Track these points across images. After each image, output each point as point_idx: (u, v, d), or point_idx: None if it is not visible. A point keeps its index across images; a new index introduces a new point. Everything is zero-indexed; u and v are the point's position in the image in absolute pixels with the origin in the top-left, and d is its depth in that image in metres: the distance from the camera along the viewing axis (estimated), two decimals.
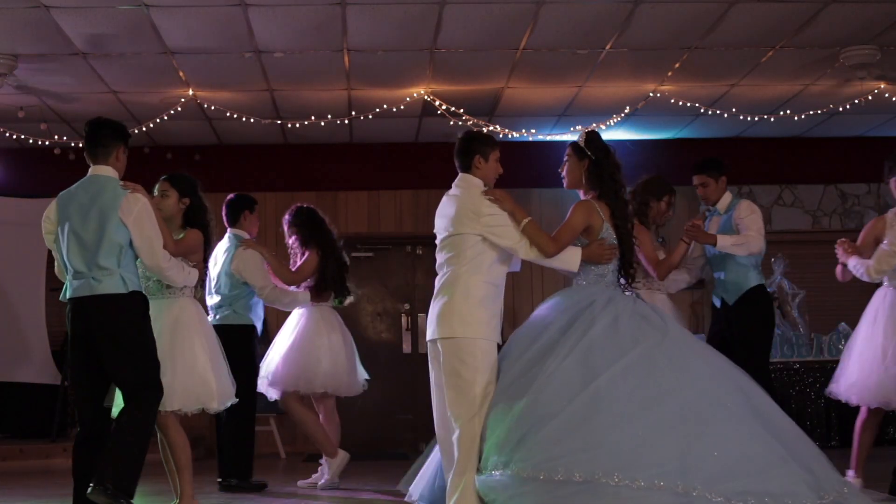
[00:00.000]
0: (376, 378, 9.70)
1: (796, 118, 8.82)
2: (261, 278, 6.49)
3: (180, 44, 7.12)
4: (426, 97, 8.29)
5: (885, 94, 8.31)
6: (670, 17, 6.83)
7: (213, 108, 8.46)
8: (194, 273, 5.31)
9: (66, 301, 4.97)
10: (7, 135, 8.69)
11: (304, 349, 6.70)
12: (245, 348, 6.43)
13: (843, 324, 8.83)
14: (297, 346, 6.72)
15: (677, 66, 7.79)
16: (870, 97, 8.35)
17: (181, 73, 7.76)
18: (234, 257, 6.49)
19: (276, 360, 6.75)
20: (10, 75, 7.42)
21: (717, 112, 8.70)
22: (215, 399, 5.35)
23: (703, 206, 6.43)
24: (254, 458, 6.67)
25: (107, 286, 4.84)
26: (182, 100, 8.26)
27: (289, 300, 6.69)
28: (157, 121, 8.51)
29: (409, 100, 8.33)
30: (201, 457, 8.32)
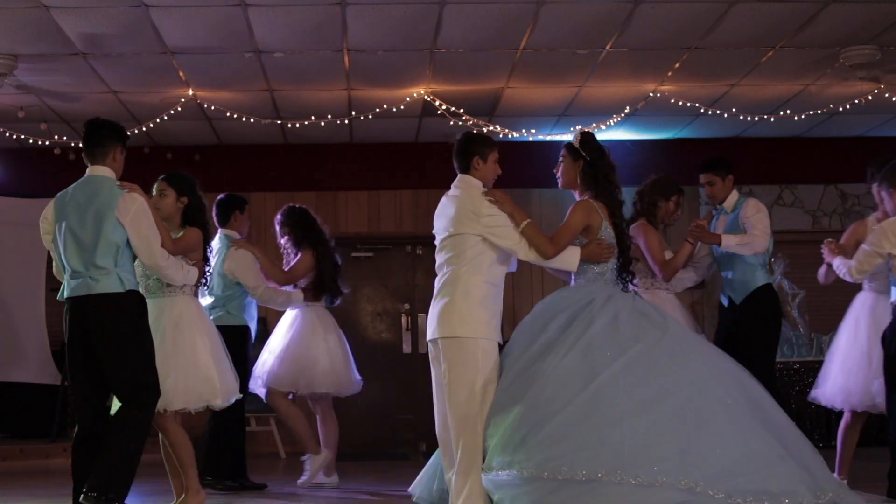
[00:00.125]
0: (376, 378, 9.74)
1: (796, 118, 8.82)
2: (254, 278, 6.47)
3: (180, 44, 7.12)
4: (426, 97, 8.28)
5: (885, 94, 8.31)
6: (670, 17, 6.83)
7: (213, 108, 8.46)
8: (194, 271, 5.32)
9: (63, 301, 4.98)
10: (7, 135, 8.68)
11: (301, 350, 6.69)
12: (238, 349, 6.40)
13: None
14: (295, 347, 6.70)
15: (677, 66, 7.79)
16: (870, 97, 8.35)
17: (181, 73, 7.76)
18: (227, 258, 6.47)
19: (270, 360, 6.72)
20: (10, 75, 7.42)
21: (717, 112, 8.70)
22: (219, 396, 5.35)
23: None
24: (246, 458, 6.65)
25: (104, 285, 4.84)
26: (182, 100, 8.26)
27: (283, 300, 6.67)
28: (157, 121, 8.51)
29: (409, 100, 8.33)
30: (200, 457, 8.30)
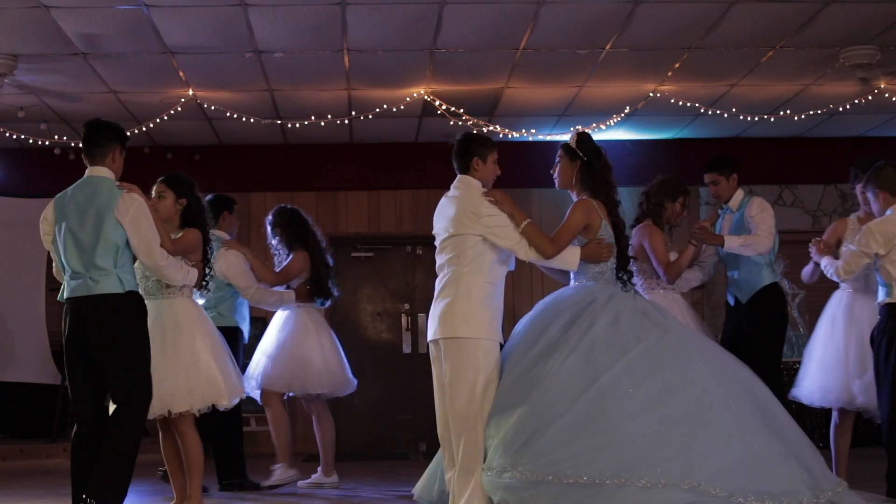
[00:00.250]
0: (376, 378, 9.75)
1: (796, 118, 8.81)
2: (244, 279, 6.44)
3: (180, 44, 7.12)
4: (426, 97, 8.28)
5: (885, 94, 8.31)
6: (670, 17, 6.82)
7: (213, 108, 8.45)
8: (193, 272, 5.32)
9: (63, 301, 4.98)
10: (7, 135, 8.68)
11: (295, 351, 6.63)
12: (230, 350, 6.39)
13: None
14: (289, 348, 6.64)
15: (677, 66, 7.79)
16: (870, 97, 8.35)
17: (181, 73, 7.75)
18: (217, 259, 6.40)
19: (264, 362, 6.66)
20: (10, 75, 7.42)
21: (717, 112, 8.70)
22: (225, 396, 5.36)
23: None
24: (245, 458, 6.64)
25: (104, 286, 4.85)
26: (182, 100, 8.25)
27: (274, 300, 6.64)
28: (157, 121, 8.51)
29: (409, 100, 8.32)
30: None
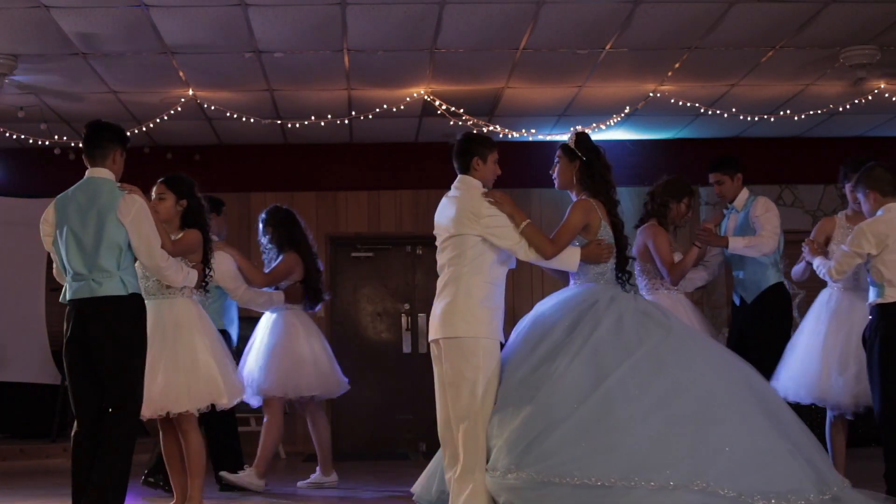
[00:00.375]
0: (376, 378, 9.76)
1: (796, 118, 8.81)
2: (232, 280, 6.41)
3: (180, 43, 7.12)
4: (426, 97, 8.28)
5: (885, 94, 8.31)
6: (670, 17, 6.82)
7: (213, 108, 8.45)
8: (194, 273, 5.32)
9: (66, 303, 4.97)
10: (7, 135, 8.68)
11: (287, 354, 6.59)
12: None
13: None
14: (280, 352, 6.60)
15: (677, 66, 7.79)
16: (870, 97, 8.35)
17: (181, 73, 7.75)
18: None
19: (254, 366, 6.60)
20: (9, 75, 7.42)
21: (717, 112, 8.70)
22: (225, 395, 5.36)
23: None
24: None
25: (107, 288, 4.84)
26: (182, 100, 8.25)
27: (263, 301, 6.61)
28: (157, 121, 8.51)
29: (409, 100, 8.32)
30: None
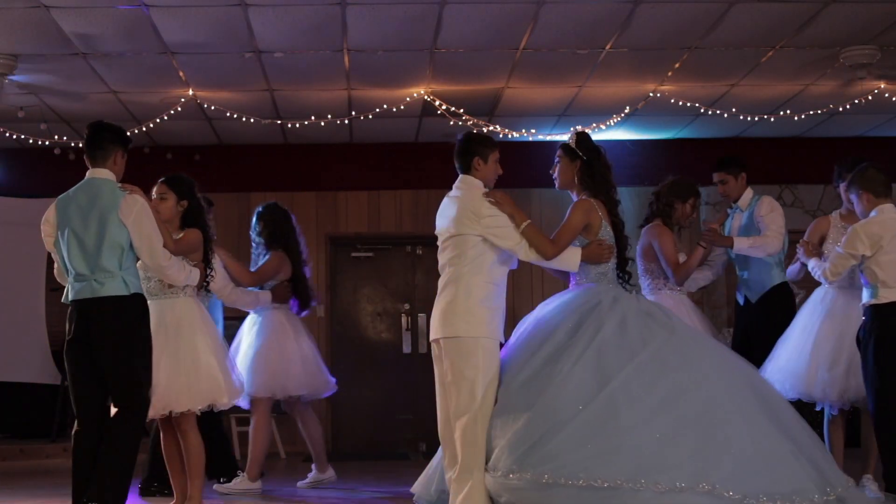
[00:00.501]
0: (376, 378, 9.76)
1: (796, 118, 8.81)
2: (220, 279, 6.36)
3: (180, 43, 7.12)
4: (426, 97, 8.28)
5: (885, 94, 8.31)
6: (670, 17, 6.82)
7: (213, 108, 8.45)
8: (195, 272, 5.32)
9: (68, 303, 4.97)
10: (7, 135, 8.68)
11: (274, 354, 6.57)
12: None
13: None
14: (267, 352, 6.57)
15: (677, 66, 7.79)
16: (870, 97, 8.35)
17: (181, 73, 7.75)
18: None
19: (244, 368, 6.51)
20: (10, 75, 7.42)
21: (717, 112, 8.70)
22: (225, 395, 5.35)
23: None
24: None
25: (109, 289, 4.85)
26: (182, 100, 8.25)
27: (250, 300, 6.58)
28: (157, 121, 8.51)
29: (409, 100, 8.32)
30: None
